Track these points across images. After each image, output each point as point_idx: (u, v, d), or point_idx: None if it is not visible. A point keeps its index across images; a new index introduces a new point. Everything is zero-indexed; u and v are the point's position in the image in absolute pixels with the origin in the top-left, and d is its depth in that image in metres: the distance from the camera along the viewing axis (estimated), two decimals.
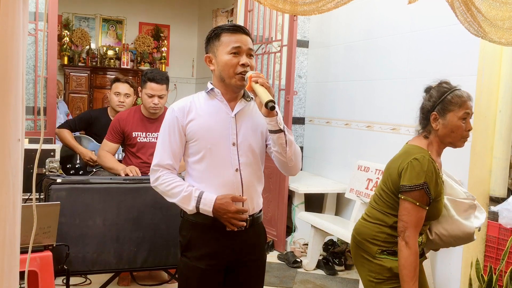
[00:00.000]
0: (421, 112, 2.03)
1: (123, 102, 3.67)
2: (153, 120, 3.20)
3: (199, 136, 1.85)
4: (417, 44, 3.69)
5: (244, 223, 1.84)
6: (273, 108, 1.70)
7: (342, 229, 3.69)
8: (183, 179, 1.95)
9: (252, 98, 1.93)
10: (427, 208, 1.90)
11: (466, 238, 2.07)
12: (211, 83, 1.92)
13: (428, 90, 2.03)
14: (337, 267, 3.93)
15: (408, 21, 3.80)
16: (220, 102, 1.89)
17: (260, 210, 1.97)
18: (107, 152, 3.18)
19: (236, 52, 1.82)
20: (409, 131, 3.73)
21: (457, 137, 1.96)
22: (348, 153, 4.50)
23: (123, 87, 3.69)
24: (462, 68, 3.26)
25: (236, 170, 1.85)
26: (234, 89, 1.87)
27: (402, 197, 1.90)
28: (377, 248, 1.98)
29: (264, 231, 2.03)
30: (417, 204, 1.87)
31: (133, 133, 3.17)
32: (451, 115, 1.93)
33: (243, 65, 1.81)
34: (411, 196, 1.88)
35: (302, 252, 4.22)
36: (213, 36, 1.88)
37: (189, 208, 1.83)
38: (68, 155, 3.71)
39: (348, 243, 4.07)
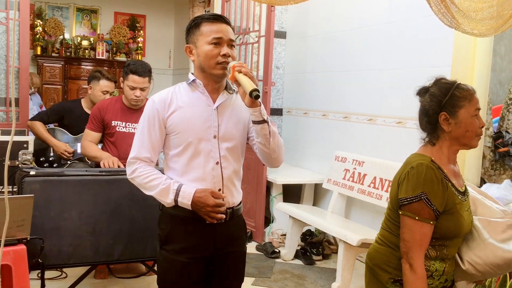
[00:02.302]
0: (425, 116, 1.76)
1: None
2: (134, 111, 3.16)
3: (180, 129, 1.82)
4: (393, 35, 3.73)
5: (223, 216, 1.84)
6: (257, 97, 1.68)
7: (319, 219, 3.72)
8: (162, 172, 1.93)
9: (234, 90, 1.91)
10: (431, 223, 1.64)
11: (506, 265, 1.72)
12: (193, 74, 1.89)
13: (424, 91, 1.78)
14: (314, 257, 3.96)
15: (384, 12, 3.83)
16: (201, 94, 1.86)
17: (240, 202, 1.97)
18: (90, 142, 3.13)
19: (217, 42, 1.79)
20: (385, 122, 3.77)
21: (472, 136, 1.71)
22: (326, 144, 4.53)
23: (110, 86, 3.70)
24: (436, 59, 3.31)
25: (217, 163, 1.84)
26: (216, 79, 1.84)
27: (401, 212, 1.68)
28: (388, 277, 1.73)
29: (244, 223, 2.03)
30: (417, 218, 1.63)
31: (113, 122, 3.13)
32: (463, 112, 1.69)
33: (224, 55, 1.79)
34: (410, 209, 1.65)
35: (280, 242, 4.24)
36: (193, 26, 1.85)
37: (167, 201, 1.82)
38: (42, 148, 3.64)
39: (325, 233, 4.11)
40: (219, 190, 1.85)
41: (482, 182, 3.34)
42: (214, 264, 1.90)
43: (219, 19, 1.83)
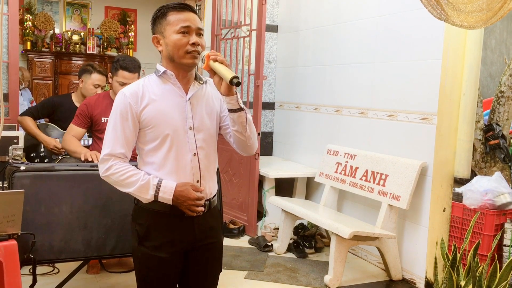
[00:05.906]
0: None
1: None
2: None
3: (156, 122, 1.79)
4: (384, 29, 3.73)
5: (203, 208, 1.84)
6: (238, 84, 1.67)
7: (312, 213, 3.73)
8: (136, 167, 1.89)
9: (205, 81, 1.90)
10: None
11: None
12: (161, 65, 1.86)
13: None
14: (307, 250, 3.98)
15: (375, 6, 3.83)
16: (173, 86, 1.84)
17: (215, 194, 1.97)
18: (72, 137, 3.11)
19: (185, 31, 1.77)
20: (376, 115, 3.78)
21: None
22: (318, 137, 4.54)
23: (102, 80, 3.70)
24: (428, 52, 3.32)
25: (194, 154, 1.83)
26: (186, 68, 1.82)
27: None
28: None
29: (219, 213, 2.04)
30: None
31: (102, 119, 3.12)
32: None
33: (193, 44, 1.77)
34: None
35: (273, 236, 4.25)
36: (159, 15, 1.83)
37: (147, 197, 1.78)
38: (32, 144, 3.61)
39: (318, 226, 4.12)
40: (197, 181, 1.85)
41: (473, 174, 3.36)
42: (193, 256, 1.90)
43: (186, 7, 1.81)
